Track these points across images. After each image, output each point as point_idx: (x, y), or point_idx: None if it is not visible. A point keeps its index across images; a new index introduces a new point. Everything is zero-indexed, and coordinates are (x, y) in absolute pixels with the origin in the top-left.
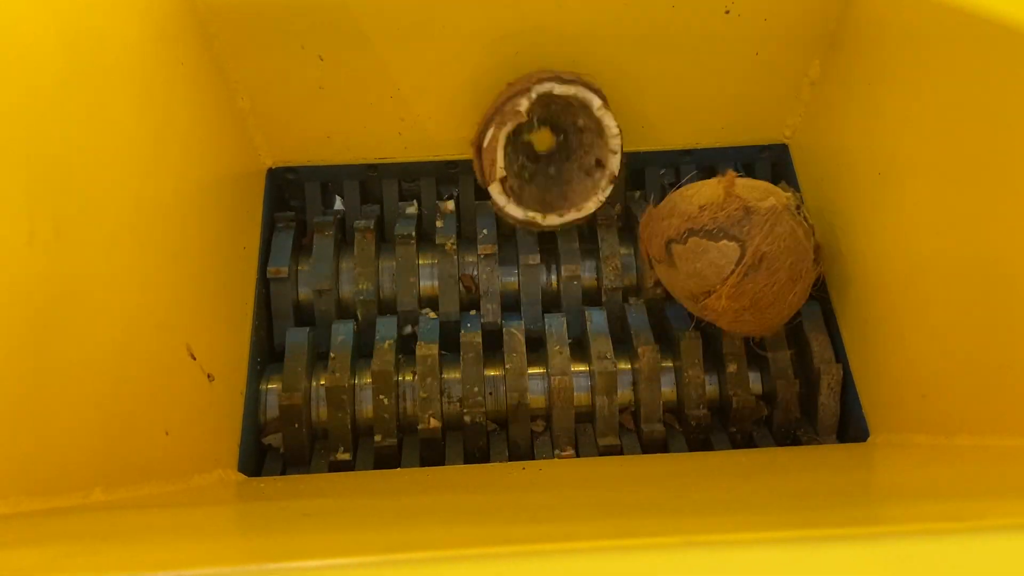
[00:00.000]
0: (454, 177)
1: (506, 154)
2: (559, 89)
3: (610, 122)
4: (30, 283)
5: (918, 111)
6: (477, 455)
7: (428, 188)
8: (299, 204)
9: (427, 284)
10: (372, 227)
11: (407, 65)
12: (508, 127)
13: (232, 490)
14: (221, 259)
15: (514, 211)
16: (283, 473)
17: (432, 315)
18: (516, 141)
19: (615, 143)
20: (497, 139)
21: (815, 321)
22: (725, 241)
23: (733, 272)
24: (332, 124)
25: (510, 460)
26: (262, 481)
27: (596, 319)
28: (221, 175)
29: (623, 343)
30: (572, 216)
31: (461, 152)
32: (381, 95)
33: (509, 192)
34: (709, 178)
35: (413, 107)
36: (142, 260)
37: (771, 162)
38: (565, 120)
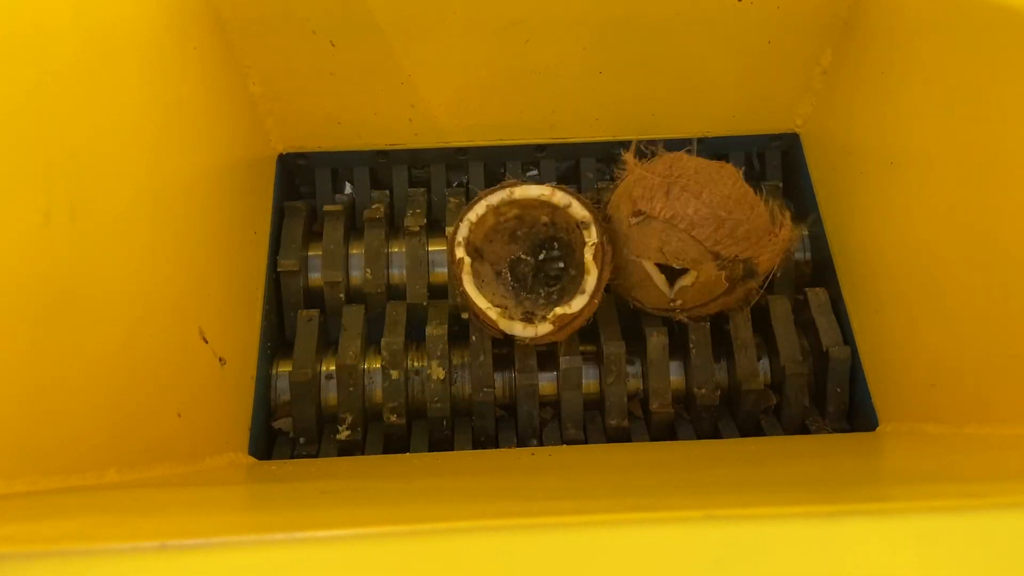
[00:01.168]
0: (464, 164)
1: (518, 298)
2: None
3: (536, 191)
4: (45, 265)
5: (932, 100)
6: (485, 441)
7: (438, 175)
8: (309, 190)
9: (438, 271)
10: (382, 218)
11: (418, 51)
12: (467, 279)
13: (243, 472)
14: (232, 243)
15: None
16: (293, 456)
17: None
18: (525, 283)
19: (559, 198)
20: (468, 295)
21: (822, 306)
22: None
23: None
24: (342, 110)
25: (519, 446)
26: (273, 464)
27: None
28: (232, 160)
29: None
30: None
31: (471, 139)
32: (392, 81)
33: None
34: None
35: (423, 93)
36: (155, 243)
37: (782, 151)
38: (543, 232)
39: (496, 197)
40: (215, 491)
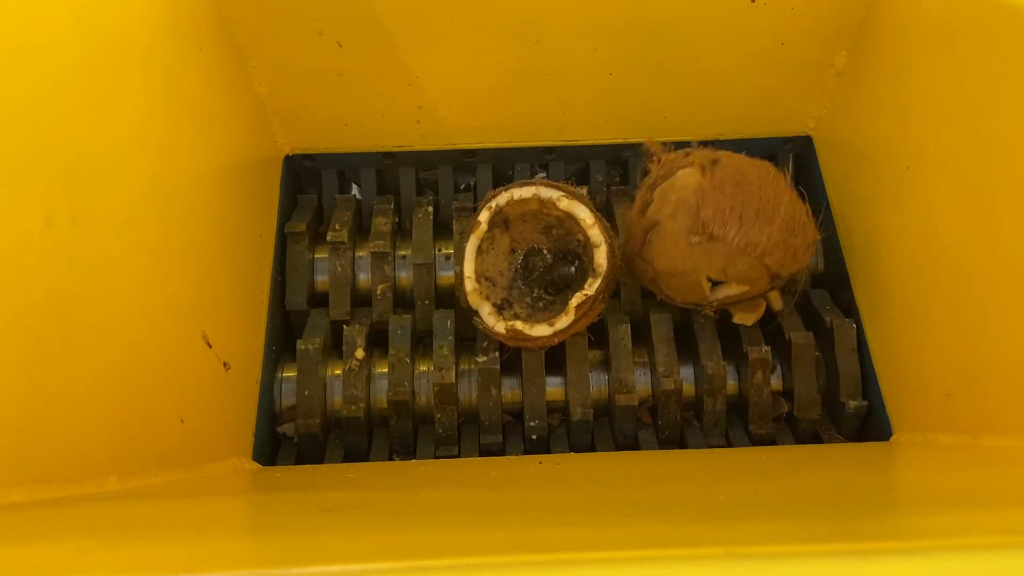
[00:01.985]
0: (471, 166)
1: (511, 282)
2: (517, 193)
3: (581, 213)
4: (45, 269)
5: (949, 103)
6: (493, 448)
7: (445, 177)
8: (316, 191)
9: (444, 274)
10: (390, 227)
11: (426, 52)
12: (473, 240)
13: (247, 479)
14: (237, 246)
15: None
16: (298, 462)
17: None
18: (529, 275)
19: (593, 234)
20: (463, 251)
21: (833, 310)
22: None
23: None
24: (349, 111)
25: (526, 453)
26: (277, 470)
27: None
28: (238, 161)
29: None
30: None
31: (479, 141)
32: (399, 82)
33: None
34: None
35: (431, 95)
36: (158, 246)
37: (794, 154)
38: (573, 246)
39: (547, 193)
40: (217, 507)
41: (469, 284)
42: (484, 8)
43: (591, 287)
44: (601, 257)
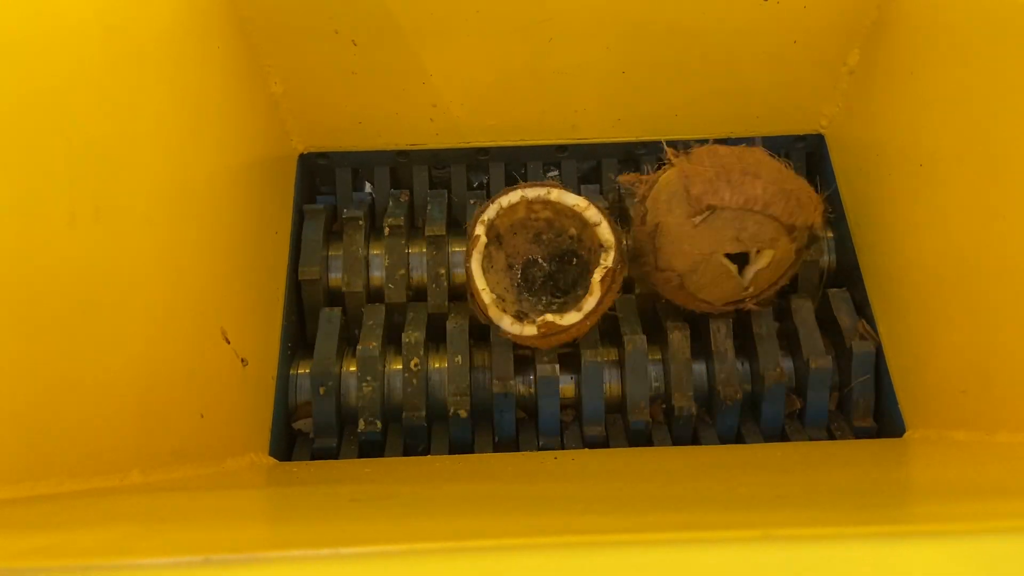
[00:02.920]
0: (484, 164)
1: (518, 296)
2: (505, 201)
3: (570, 200)
4: (71, 265)
5: (963, 100)
6: (504, 442)
7: (458, 175)
8: (330, 189)
9: (458, 271)
10: (402, 223)
11: (440, 51)
12: (476, 256)
13: (265, 474)
14: (254, 243)
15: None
16: (313, 457)
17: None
18: (532, 286)
19: (590, 215)
20: (469, 270)
21: (846, 305)
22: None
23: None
24: (363, 110)
25: (539, 449)
26: (294, 465)
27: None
28: (254, 159)
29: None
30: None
31: (492, 139)
32: (413, 81)
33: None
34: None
35: (445, 93)
36: (178, 243)
37: (806, 152)
38: (566, 244)
39: (533, 192)
40: (244, 497)
41: (486, 296)
42: (498, 7)
43: (607, 259)
44: (605, 232)
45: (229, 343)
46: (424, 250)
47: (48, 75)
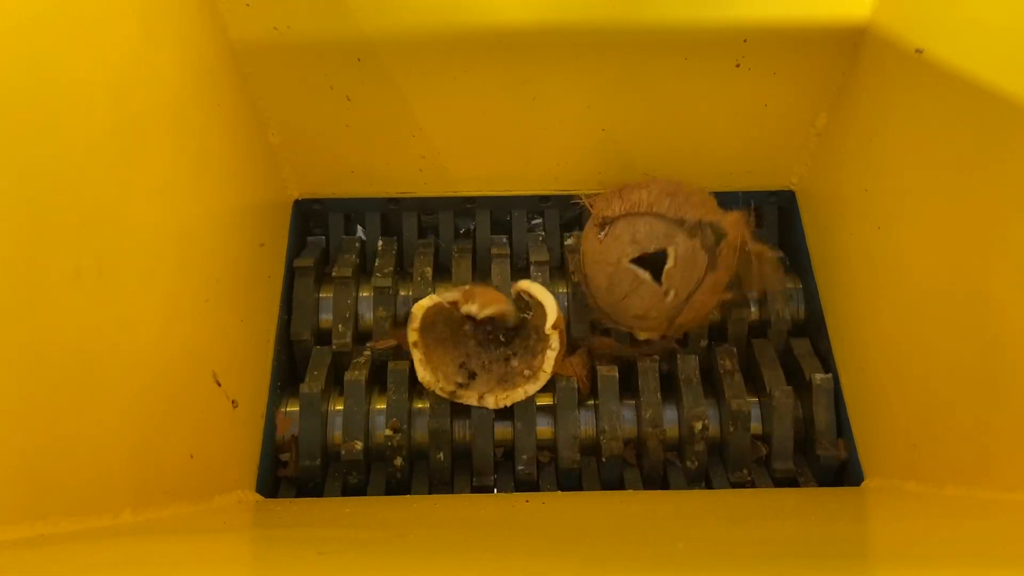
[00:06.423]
0: (471, 212)
1: (466, 359)
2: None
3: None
4: (72, 317)
5: (917, 167)
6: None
7: (446, 222)
8: (322, 231)
9: None
10: (391, 276)
11: (429, 107)
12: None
13: (250, 514)
14: (248, 288)
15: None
16: (299, 495)
17: None
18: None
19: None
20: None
21: (810, 359)
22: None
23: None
24: (356, 159)
25: (515, 491)
26: (279, 503)
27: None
28: (251, 206)
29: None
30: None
31: (479, 189)
32: (403, 133)
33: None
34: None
35: (434, 145)
36: (176, 291)
37: (778, 207)
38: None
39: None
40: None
41: (443, 392)
42: (485, 68)
43: (553, 342)
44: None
45: (220, 385)
46: (411, 293)
47: (57, 137)
